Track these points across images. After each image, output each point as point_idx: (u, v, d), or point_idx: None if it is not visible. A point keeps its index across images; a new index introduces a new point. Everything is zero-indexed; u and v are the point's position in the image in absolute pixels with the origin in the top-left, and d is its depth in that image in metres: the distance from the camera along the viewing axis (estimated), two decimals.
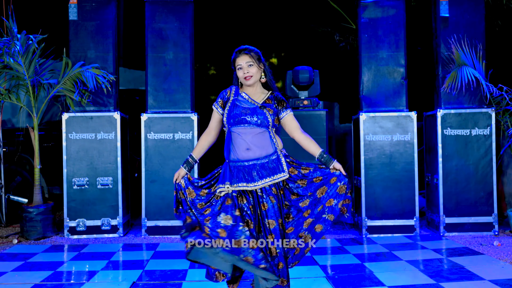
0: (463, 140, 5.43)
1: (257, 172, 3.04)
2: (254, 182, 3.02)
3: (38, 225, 5.34)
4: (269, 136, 3.12)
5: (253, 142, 3.07)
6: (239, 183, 3.02)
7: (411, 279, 3.79)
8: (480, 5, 5.48)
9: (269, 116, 3.09)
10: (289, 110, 3.19)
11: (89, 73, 5.26)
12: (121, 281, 3.89)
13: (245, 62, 3.12)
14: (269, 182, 3.04)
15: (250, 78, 3.13)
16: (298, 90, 5.71)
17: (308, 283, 3.77)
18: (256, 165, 3.05)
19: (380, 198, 5.43)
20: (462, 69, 5.28)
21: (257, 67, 3.14)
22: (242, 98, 3.15)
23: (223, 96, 3.21)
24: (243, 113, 3.09)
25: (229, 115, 3.11)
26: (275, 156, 3.09)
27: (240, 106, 3.12)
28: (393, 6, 5.52)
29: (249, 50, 3.15)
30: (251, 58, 3.12)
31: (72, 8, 5.49)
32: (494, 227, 5.37)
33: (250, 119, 3.07)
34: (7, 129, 6.49)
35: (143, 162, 5.45)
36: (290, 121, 3.18)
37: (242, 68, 3.12)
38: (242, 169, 3.05)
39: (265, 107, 3.11)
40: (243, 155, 3.06)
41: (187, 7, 5.56)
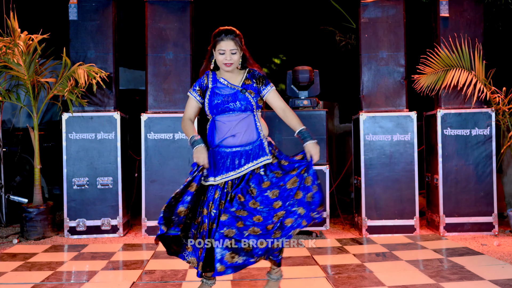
0: (463, 140, 5.43)
1: (239, 160, 3.01)
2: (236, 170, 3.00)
3: (38, 225, 5.34)
4: (254, 120, 3.07)
5: (237, 129, 3.03)
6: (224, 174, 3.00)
7: (411, 279, 3.79)
8: (480, 5, 5.48)
9: (251, 98, 3.04)
10: (270, 86, 3.12)
11: (82, 70, 5.25)
12: (121, 281, 3.89)
13: (229, 49, 3.04)
14: (251, 168, 3.01)
15: (230, 65, 3.06)
16: (298, 90, 5.71)
17: (308, 283, 3.77)
18: (239, 152, 3.03)
19: (380, 198, 5.43)
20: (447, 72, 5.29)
21: (239, 54, 3.07)
22: (221, 85, 3.09)
23: (201, 83, 3.12)
24: (225, 101, 3.03)
25: (210, 104, 3.05)
26: (258, 142, 3.06)
27: (220, 94, 3.05)
28: (393, 6, 5.52)
29: (235, 35, 3.06)
30: (235, 45, 3.04)
31: (72, 8, 5.49)
32: (494, 227, 5.37)
33: (233, 106, 3.03)
34: (7, 129, 6.49)
35: (143, 162, 5.45)
36: (273, 98, 3.12)
37: (224, 53, 3.04)
38: (225, 155, 3.02)
39: (246, 89, 3.05)
40: (228, 141, 3.04)
41: (187, 7, 5.56)
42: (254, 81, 3.10)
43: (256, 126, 3.08)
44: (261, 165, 3.04)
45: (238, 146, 3.05)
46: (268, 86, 3.12)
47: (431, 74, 5.38)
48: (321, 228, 5.39)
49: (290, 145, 5.40)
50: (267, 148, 3.06)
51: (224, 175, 3.02)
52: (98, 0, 5.53)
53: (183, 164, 5.45)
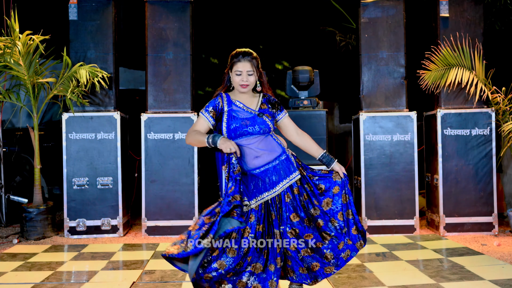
0: (463, 140, 5.43)
1: (269, 178, 2.95)
2: (273, 188, 2.95)
3: (38, 225, 5.34)
4: (273, 138, 3.05)
5: (260, 150, 2.98)
6: (260, 195, 2.93)
7: (411, 279, 3.79)
8: (479, 5, 5.49)
9: (269, 122, 3.02)
10: (284, 112, 3.14)
11: (83, 70, 5.25)
12: (121, 281, 3.89)
13: (246, 71, 3.01)
14: (286, 185, 2.97)
15: (246, 87, 3.03)
16: (298, 90, 5.71)
17: None
18: (269, 170, 2.97)
19: (380, 198, 5.43)
20: (450, 70, 5.29)
21: (255, 76, 3.04)
22: (237, 108, 3.04)
23: (215, 105, 3.05)
24: (244, 125, 2.98)
25: (228, 128, 2.98)
26: (284, 156, 3.02)
27: (238, 117, 3.00)
28: (393, 6, 5.52)
29: (252, 57, 3.02)
30: (252, 66, 3.01)
31: (72, 8, 5.49)
32: (494, 227, 5.37)
33: (252, 130, 2.98)
34: (7, 129, 6.49)
35: (143, 162, 5.45)
36: (287, 124, 3.14)
37: (241, 75, 3.01)
38: (257, 177, 2.95)
39: (263, 113, 3.03)
40: (253, 163, 2.97)
41: (187, 7, 5.56)
42: (270, 106, 3.10)
43: (277, 142, 3.05)
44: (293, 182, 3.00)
45: (265, 164, 2.98)
46: (283, 111, 3.14)
47: (435, 71, 5.37)
48: None
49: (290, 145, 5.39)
50: (295, 162, 3.04)
51: (259, 197, 2.95)
52: (98, 0, 5.53)
53: (183, 164, 5.45)
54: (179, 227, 5.38)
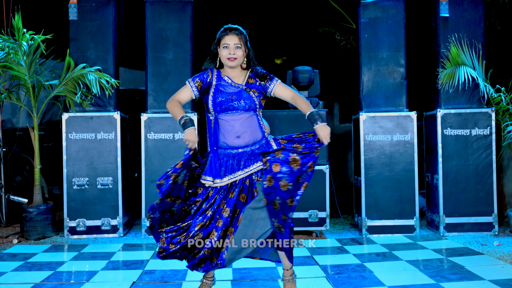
0: (463, 140, 5.43)
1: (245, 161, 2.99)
2: (244, 169, 2.99)
3: (38, 225, 5.34)
4: (257, 120, 3.05)
5: (242, 129, 3.00)
6: (230, 175, 2.99)
7: (411, 279, 3.80)
8: (480, 5, 5.48)
9: (255, 98, 3.01)
10: (275, 80, 3.08)
11: (93, 76, 5.25)
12: (121, 281, 3.89)
13: (233, 43, 3.02)
14: (259, 167, 2.99)
15: (234, 61, 3.02)
16: (298, 90, 5.71)
17: (308, 283, 3.77)
18: (246, 152, 3.00)
19: (380, 198, 5.43)
20: (460, 68, 5.28)
21: (243, 51, 3.04)
22: (225, 83, 3.06)
23: (203, 78, 3.09)
24: (229, 99, 3.00)
25: (214, 102, 3.01)
26: (264, 141, 3.03)
27: (224, 91, 3.02)
28: (393, 6, 5.52)
29: (240, 32, 3.05)
30: (240, 40, 3.02)
31: (72, 8, 5.49)
32: (494, 227, 5.37)
33: (238, 105, 3.00)
34: (7, 129, 6.48)
35: (143, 162, 5.45)
36: (281, 91, 3.08)
37: (228, 47, 3.01)
38: (232, 157, 3.00)
39: (250, 88, 3.03)
40: (233, 141, 3.01)
41: (187, 7, 5.56)
42: (258, 80, 3.07)
43: (260, 125, 3.05)
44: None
45: (244, 146, 3.02)
46: (273, 80, 3.08)
47: (448, 69, 5.33)
48: (321, 228, 5.39)
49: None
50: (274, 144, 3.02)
51: (231, 176, 3.00)
52: (98, 0, 5.53)
53: None
54: None
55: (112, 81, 5.35)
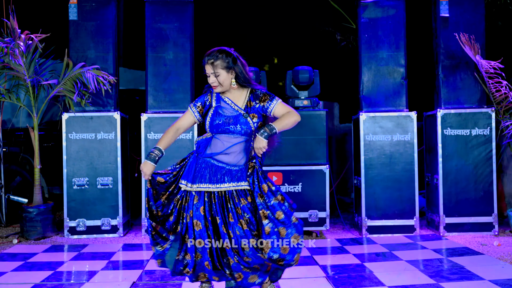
0: (463, 140, 5.43)
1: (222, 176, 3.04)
2: (216, 184, 3.04)
3: (38, 225, 5.34)
4: (250, 146, 3.10)
5: (233, 149, 3.06)
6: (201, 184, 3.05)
7: (411, 279, 3.79)
8: (480, 5, 5.48)
9: (252, 124, 3.05)
10: (275, 100, 3.10)
11: (90, 74, 5.25)
12: (121, 281, 3.89)
13: (211, 73, 3.03)
14: (232, 187, 3.03)
15: (217, 88, 3.06)
16: (298, 90, 5.71)
17: (308, 283, 3.77)
18: (224, 169, 3.05)
19: (380, 198, 5.43)
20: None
21: (226, 74, 3.03)
22: (225, 104, 3.10)
23: (203, 101, 3.14)
24: (226, 123, 3.05)
25: (211, 124, 3.08)
26: (244, 167, 3.07)
27: (222, 114, 3.07)
28: (393, 6, 5.52)
29: (214, 59, 3.02)
30: (215, 68, 3.01)
31: (72, 8, 5.49)
32: (494, 227, 5.37)
33: (234, 129, 3.04)
34: (7, 129, 6.48)
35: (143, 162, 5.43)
36: (281, 110, 3.09)
37: (209, 76, 3.05)
38: (210, 166, 3.06)
39: (249, 113, 3.06)
40: (220, 157, 3.06)
41: (187, 7, 5.56)
42: (257, 102, 3.10)
43: (248, 151, 3.11)
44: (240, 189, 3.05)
45: (227, 164, 3.07)
46: (273, 100, 3.10)
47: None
48: (321, 228, 5.39)
49: (290, 145, 5.41)
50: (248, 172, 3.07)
51: (202, 185, 3.06)
52: (98, 0, 5.53)
53: None
54: None
55: (110, 77, 5.33)
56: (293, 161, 5.40)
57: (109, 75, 5.35)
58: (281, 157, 5.39)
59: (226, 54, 3.04)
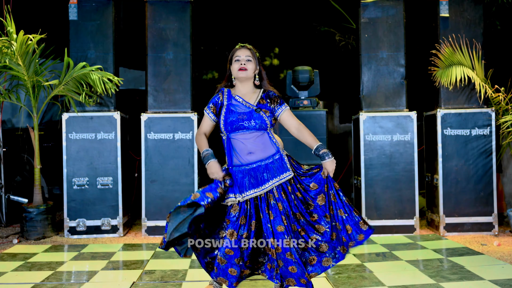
0: (463, 140, 5.43)
1: (261, 174, 2.99)
2: (262, 186, 2.98)
3: (38, 225, 5.34)
4: (269, 137, 3.07)
5: (254, 146, 3.02)
6: (247, 191, 2.98)
7: (411, 279, 3.80)
8: (479, 5, 5.49)
9: (266, 118, 3.03)
10: (284, 106, 3.11)
11: (96, 75, 5.25)
12: (121, 281, 3.89)
13: (245, 56, 3.08)
14: (276, 183, 2.98)
15: (245, 71, 3.06)
16: (298, 90, 5.71)
17: None
18: (261, 167, 3.01)
19: (380, 198, 5.43)
20: (455, 67, 5.28)
21: (255, 65, 3.09)
22: (236, 102, 3.09)
23: (216, 101, 3.12)
24: (240, 119, 3.02)
25: (225, 122, 3.04)
26: (278, 156, 3.04)
27: (235, 111, 3.05)
28: (393, 6, 5.53)
29: (252, 48, 3.12)
30: (252, 54, 3.09)
31: (72, 8, 5.49)
32: (494, 227, 5.37)
33: (248, 124, 3.01)
34: (7, 129, 6.48)
35: (143, 162, 5.45)
36: (286, 119, 3.10)
37: (239, 60, 3.07)
38: (247, 173, 3.00)
39: (261, 109, 3.05)
40: (246, 159, 3.02)
41: (187, 7, 5.56)
42: (269, 101, 3.10)
43: (272, 141, 3.07)
44: (285, 181, 3.01)
45: (258, 161, 3.02)
46: (283, 106, 3.11)
47: (443, 68, 5.34)
48: None
49: (291, 145, 5.39)
50: (288, 162, 3.04)
51: (248, 192, 2.99)
52: (98, 0, 5.53)
53: (183, 164, 5.45)
54: None
55: (115, 79, 5.35)
56: None
57: (114, 76, 5.36)
58: None
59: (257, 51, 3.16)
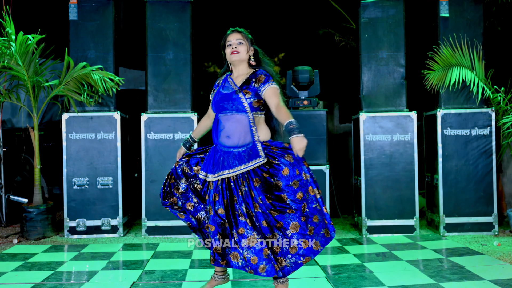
0: (463, 140, 5.43)
1: (232, 161, 3.00)
2: (232, 169, 2.98)
3: (38, 225, 5.34)
4: (249, 122, 3.01)
5: (231, 129, 3.03)
6: (220, 171, 3.01)
7: (411, 279, 3.80)
8: (479, 5, 5.49)
9: (244, 99, 3.00)
10: (269, 84, 3.02)
11: (97, 75, 5.25)
12: (121, 281, 3.89)
13: (236, 39, 3.12)
14: (244, 169, 2.96)
15: (237, 54, 3.09)
16: (298, 90, 5.71)
17: (308, 283, 3.77)
18: (233, 153, 3.01)
19: (380, 198, 5.43)
20: (453, 69, 5.29)
21: (247, 46, 3.13)
22: (227, 84, 3.14)
23: (216, 85, 3.24)
24: (222, 100, 3.07)
25: (212, 102, 3.16)
26: (251, 145, 3.00)
27: (221, 93, 3.11)
28: (393, 6, 5.52)
29: (242, 30, 3.17)
30: (243, 37, 3.13)
31: (72, 8, 5.49)
32: (494, 227, 5.37)
33: (227, 105, 3.05)
34: (7, 129, 6.48)
35: (143, 162, 5.45)
36: (268, 96, 3.01)
37: (231, 44, 3.11)
38: (223, 154, 3.04)
39: (242, 89, 3.03)
40: (224, 141, 3.05)
41: (187, 7, 5.56)
42: (254, 81, 3.05)
43: (251, 129, 3.01)
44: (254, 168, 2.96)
45: (232, 147, 3.02)
46: (267, 84, 3.02)
47: (438, 71, 5.36)
48: None
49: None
50: (262, 151, 2.97)
51: (220, 172, 3.02)
52: (98, 0, 5.53)
53: None
54: (179, 227, 5.38)
55: (116, 79, 5.35)
56: None
57: (115, 76, 5.36)
58: None
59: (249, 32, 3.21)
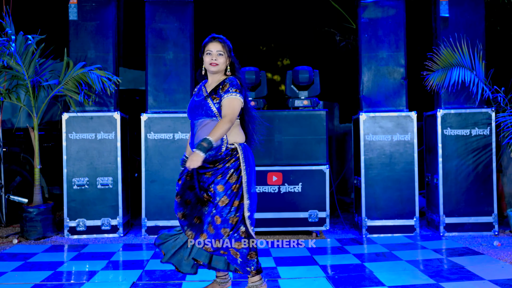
0: (463, 140, 5.43)
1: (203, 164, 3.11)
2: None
3: (38, 225, 5.34)
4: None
5: (202, 134, 3.12)
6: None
7: (411, 279, 3.80)
8: (480, 5, 5.48)
9: (212, 105, 3.11)
10: (228, 93, 3.11)
11: (95, 74, 5.25)
12: (121, 281, 3.89)
13: (216, 50, 3.16)
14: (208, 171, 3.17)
15: (216, 66, 3.16)
16: (298, 90, 5.71)
17: (308, 283, 3.77)
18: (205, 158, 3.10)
19: (380, 198, 5.43)
20: (454, 69, 5.29)
21: (226, 58, 3.18)
22: (200, 92, 3.23)
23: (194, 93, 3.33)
24: (195, 107, 3.17)
25: (187, 110, 3.26)
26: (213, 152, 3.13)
27: (195, 100, 3.20)
28: (393, 6, 5.52)
29: (223, 40, 3.20)
30: (223, 47, 3.16)
31: (72, 8, 5.49)
32: (494, 227, 5.37)
33: (198, 112, 3.15)
34: (7, 129, 6.48)
35: (143, 162, 5.45)
36: (223, 105, 3.11)
37: (211, 54, 3.16)
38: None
39: (211, 95, 3.13)
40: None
41: (187, 7, 5.56)
42: (221, 88, 3.15)
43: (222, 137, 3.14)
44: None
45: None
46: (227, 93, 3.11)
47: (438, 71, 5.36)
48: (321, 228, 5.39)
49: (290, 145, 5.41)
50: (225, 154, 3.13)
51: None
52: (98, 0, 5.53)
53: None
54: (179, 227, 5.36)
55: (114, 78, 5.35)
56: (293, 161, 5.40)
57: (113, 76, 5.36)
58: (281, 157, 5.40)
59: (229, 43, 3.24)
